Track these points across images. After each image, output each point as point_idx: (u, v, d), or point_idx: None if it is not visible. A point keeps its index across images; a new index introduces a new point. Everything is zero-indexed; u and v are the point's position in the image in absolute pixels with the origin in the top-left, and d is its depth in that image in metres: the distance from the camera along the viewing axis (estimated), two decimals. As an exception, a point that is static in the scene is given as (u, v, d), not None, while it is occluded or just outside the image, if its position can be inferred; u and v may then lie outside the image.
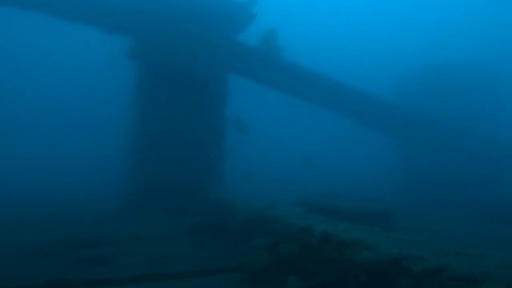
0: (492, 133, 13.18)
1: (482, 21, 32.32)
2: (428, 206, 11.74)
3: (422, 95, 13.31)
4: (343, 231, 3.31)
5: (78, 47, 30.24)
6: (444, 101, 13.03)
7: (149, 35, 8.71)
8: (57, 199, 11.45)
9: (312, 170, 11.02)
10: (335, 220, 4.12)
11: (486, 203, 11.38)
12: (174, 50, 8.89)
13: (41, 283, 3.81)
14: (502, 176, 13.29)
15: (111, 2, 9.29)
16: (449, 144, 12.25)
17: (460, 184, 12.99)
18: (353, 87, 10.85)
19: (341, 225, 3.64)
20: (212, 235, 6.67)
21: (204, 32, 9.14)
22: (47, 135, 24.97)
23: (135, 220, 8.44)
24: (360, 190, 11.05)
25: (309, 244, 3.66)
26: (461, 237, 7.21)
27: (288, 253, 3.89)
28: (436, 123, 12.13)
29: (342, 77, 10.76)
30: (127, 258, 5.20)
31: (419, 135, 12.14)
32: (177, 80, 9.42)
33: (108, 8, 9.25)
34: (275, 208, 5.19)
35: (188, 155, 9.57)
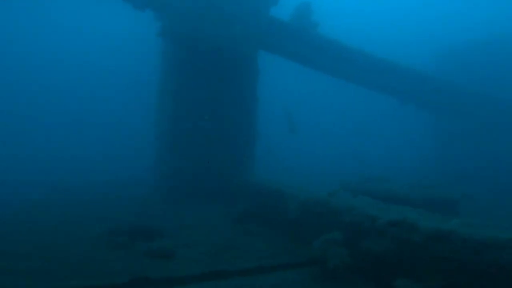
0: None
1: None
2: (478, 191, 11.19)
3: (467, 72, 12.48)
4: (465, 228, 2.95)
5: (104, 25, 29.51)
6: (490, 79, 12.30)
7: (179, 11, 8.15)
8: (91, 185, 11.20)
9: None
10: (426, 212, 3.75)
11: None
12: (205, 26, 8.36)
13: (125, 281, 3.68)
14: None
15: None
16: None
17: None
18: (399, 64, 10.24)
19: (453, 220, 3.27)
20: (260, 224, 6.37)
21: (235, 6, 8.56)
22: (74, 123, 24.62)
23: (173, 207, 8.19)
24: (399, 174, 10.63)
25: (408, 241, 3.30)
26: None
27: (377, 250, 3.53)
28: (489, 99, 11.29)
29: (379, 54, 10.17)
30: (186, 251, 4.94)
31: (469, 113, 11.45)
32: (209, 59, 8.94)
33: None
34: (339, 196, 4.82)
35: (221, 138, 9.21)
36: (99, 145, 20.06)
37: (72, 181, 11.33)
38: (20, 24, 29.79)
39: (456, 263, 2.83)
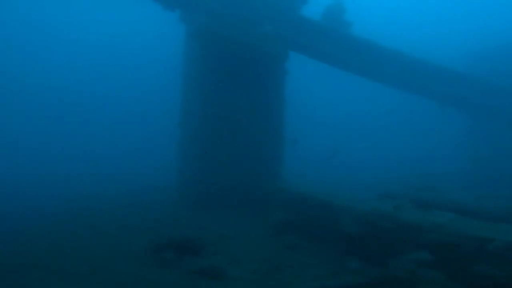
0: None
1: None
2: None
3: (501, 74, 11.89)
4: None
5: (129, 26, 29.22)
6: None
7: (210, 11, 7.81)
8: (110, 191, 10.94)
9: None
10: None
11: None
12: (236, 26, 8.02)
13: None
14: None
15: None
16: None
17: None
18: (439, 64, 9.82)
19: None
20: (302, 236, 6.04)
21: (266, 5, 8.22)
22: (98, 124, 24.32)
23: (203, 214, 7.90)
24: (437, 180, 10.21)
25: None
26: None
27: (499, 276, 3.17)
28: None
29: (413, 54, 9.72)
30: (235, 269, 4.64)
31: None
32: (239, 60, 8.63)
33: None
34: (406, 210, 4.47)
35: (250, 141, 8.90)
36: (113, 148, 19.81)
37: (90, 187, 11.09)
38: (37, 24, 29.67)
39: None
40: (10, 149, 17.22)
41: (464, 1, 34.58)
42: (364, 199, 5.47)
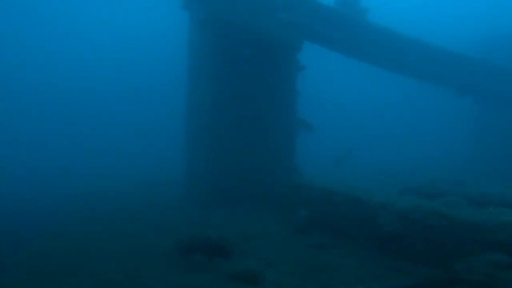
0: None
1: None
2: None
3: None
4: None
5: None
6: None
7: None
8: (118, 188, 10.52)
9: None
10: None
11: None
12: (249, 13, 7.59)
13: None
14: None
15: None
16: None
17: None
18: (457, 52, 9.49)
19: None
20: (329, 235, 5.71)
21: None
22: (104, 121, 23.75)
23: (219, 212, 7.54)
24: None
25: None
26: None
27: None
28: None
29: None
30: (271, 273, 4.29)
31: None
32: (251, 50, 8.22)
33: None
34: (458, 207, 4.14)
35: (264, 135, 8.53)
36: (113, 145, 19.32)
37: (96, 184, 10.65)
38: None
39: None
40: (15, 148, 16.73)
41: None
42: (398, 194, 5.17)
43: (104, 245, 5.10)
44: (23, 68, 26.29)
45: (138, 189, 10.25)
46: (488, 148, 12.25)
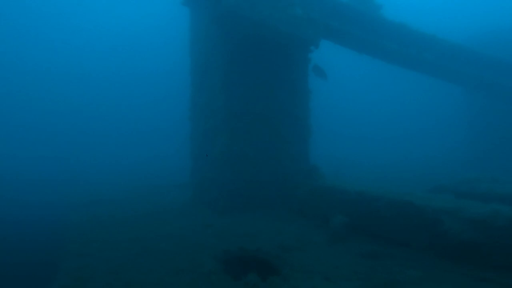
0: None
1: None
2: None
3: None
4: None
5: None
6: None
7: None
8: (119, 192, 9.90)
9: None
10: None
11: None
12: (266, 9, 7.18)
13: None
14: None
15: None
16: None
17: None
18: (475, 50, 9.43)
19: None
20: (379, 243, 5.42)
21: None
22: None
23: (239, 218, 7.13)
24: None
25: None
26: None
27: None
28: None
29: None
30: (338, 291, 3.90)
31: None
32: (265, 47, 7.85)
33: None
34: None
35: (279, 136, 8.17)
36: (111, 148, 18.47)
37: (98, 191, 9.96)
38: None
39: None
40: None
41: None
42: (459, 198, 4.93)
43: (138, 265, 4.57)
44: (19, 70, 25.00)
45: (141, 194, 9.69)
46: (489, 144, 12.45)
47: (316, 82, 9.28)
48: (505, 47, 11.88)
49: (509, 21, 14.28)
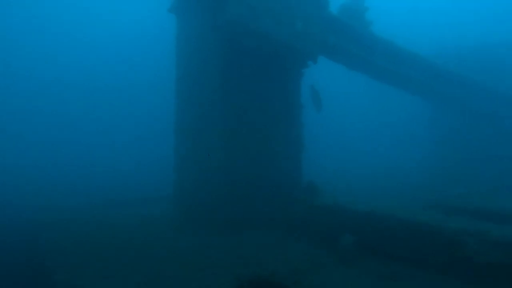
0: None
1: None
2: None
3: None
4: None
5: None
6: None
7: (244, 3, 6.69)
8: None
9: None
10: None
11: None
12: (268, 21, 7.03)
13: None
14: None
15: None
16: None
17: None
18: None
19: None
20: (387, 263, 5.33)
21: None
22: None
23: (237, 238, 6.79)
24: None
25: None
26: None
27: None
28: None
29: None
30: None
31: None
32: (264, 60, 7.67)
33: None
34: None
35: (276, 150, 7.99)
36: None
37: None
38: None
39: None
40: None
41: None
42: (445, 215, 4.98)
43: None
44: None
45: (121, 210, 9.11)
46: (448, 154, 13.19)
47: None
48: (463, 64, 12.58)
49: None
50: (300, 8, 7.43)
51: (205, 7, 7.55)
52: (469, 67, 12.42)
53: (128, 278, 4.79)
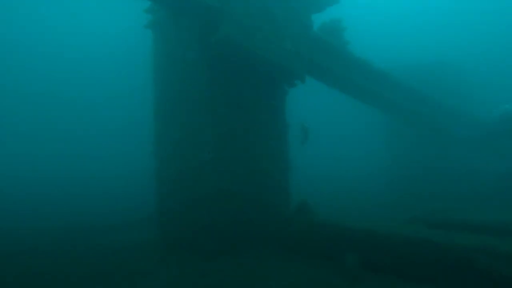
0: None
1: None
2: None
3: None
4: None
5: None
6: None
7: (232, 19, 6.58)
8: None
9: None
10: None
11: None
12: (258, 39, 7.00)
13: None
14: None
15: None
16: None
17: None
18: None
19: None
20: (394, 281, 5.41)
21: (286, 20, 7.44)
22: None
23: (231, 264, 6.54)
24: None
25: None
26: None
27: None
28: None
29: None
30: None
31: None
32: (251, 77, 7.61)
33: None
34: None
35: (265, 169, 7.90)
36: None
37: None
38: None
39: None
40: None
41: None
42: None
43: None
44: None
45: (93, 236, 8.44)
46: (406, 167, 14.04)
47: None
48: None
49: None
50: (287, 28, 7.50)
51: (191, 24, 7.34)
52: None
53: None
